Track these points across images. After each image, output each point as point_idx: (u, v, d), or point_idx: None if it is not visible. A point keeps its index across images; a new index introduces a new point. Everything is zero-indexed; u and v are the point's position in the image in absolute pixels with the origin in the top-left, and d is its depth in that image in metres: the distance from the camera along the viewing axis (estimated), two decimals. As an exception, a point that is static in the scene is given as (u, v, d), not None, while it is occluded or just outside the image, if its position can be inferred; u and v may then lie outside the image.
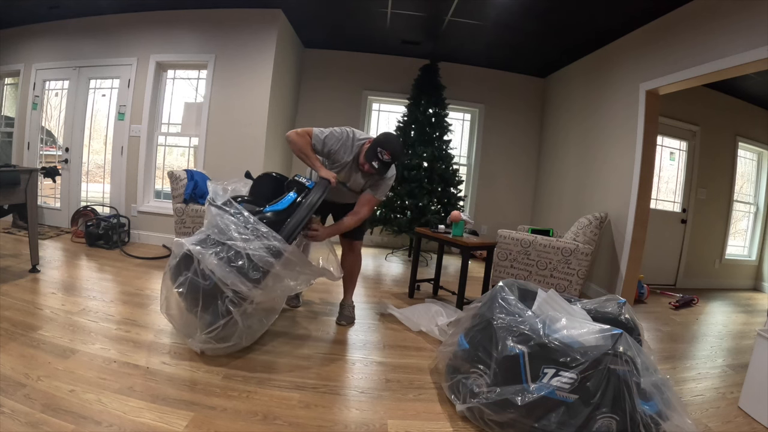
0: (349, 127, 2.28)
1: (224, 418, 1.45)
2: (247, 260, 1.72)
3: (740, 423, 1.77)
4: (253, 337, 2.00)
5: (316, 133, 2.21)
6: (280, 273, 1.80)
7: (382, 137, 2.17)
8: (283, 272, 1.81)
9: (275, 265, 1.74)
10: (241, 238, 1.74)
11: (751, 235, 5.37)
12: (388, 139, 2.15)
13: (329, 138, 2.22)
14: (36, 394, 1.44)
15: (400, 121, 4.82)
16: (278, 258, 1.76)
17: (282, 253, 1.77)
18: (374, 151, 2.12)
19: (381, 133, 2.26)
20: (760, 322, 3.51)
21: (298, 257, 1.87)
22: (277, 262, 1.75)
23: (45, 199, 4.79)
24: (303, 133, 2.19)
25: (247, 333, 1.91)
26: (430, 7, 3.81)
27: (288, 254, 1.78)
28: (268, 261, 1.73)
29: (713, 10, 2.84)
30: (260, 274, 1.74)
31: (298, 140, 2.16)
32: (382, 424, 1.53)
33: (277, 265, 1.75)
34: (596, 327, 1.48)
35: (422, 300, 3.11)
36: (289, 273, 1.83)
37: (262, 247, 1.74)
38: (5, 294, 2.38)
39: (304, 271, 1.91)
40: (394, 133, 2.23)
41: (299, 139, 2.17)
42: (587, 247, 3.24)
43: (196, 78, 4.45)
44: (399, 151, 2.16)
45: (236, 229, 1.77)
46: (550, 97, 5.41)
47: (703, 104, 4.61)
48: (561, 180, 4.88)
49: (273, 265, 1.74)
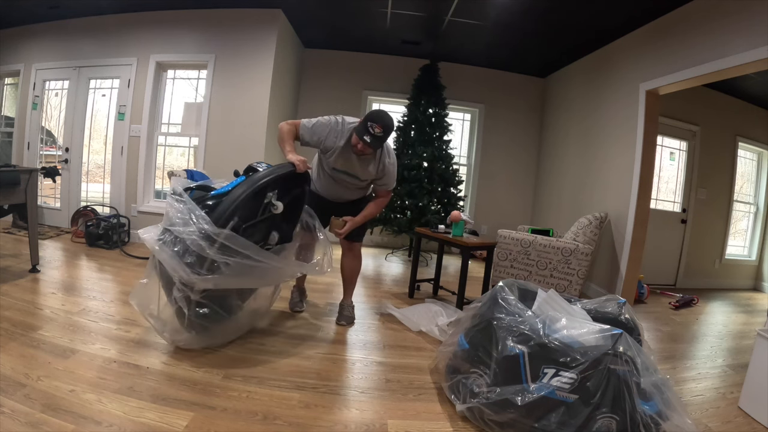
0: (339, 115, 2.25)
1: (224, 418, 1.45)
2: (182, 245, 1.69)
3: (740, 423, 1.77)
4: (226, 335, 2.01)
5: (304, 123, 2.19)
6: (230, 263, 1.70)
7: (373, 113, 2.11)
8: (232, 261, 1.71)
9: (206, 249, 1.67)
10: (180, 224, 1.72)
11: (751, 235, 5.37)
12: (379, 114, 2.09)
13: (317, 126, 2.19)
14: (36, 394, 1.44)
15: (400, 121, 4.82)
16: (210, 242, 1.68)
17: (213, 237, 1.69)
18: (365, 125, 2.05)
19: (371, 110, 2.20)
20: (760, 322, 3.51)
21: (242, 244, 1.74)
22: (209, 246, 1.67)
23: (45, 199, 4.79)
24: (291, 123, 2.18)
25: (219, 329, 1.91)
26: (430, 7, 3.81)
27: (222, 239, 1.69)
28: (200, 245, 1.67)
29: (713, 10, 2.84)
30: (194, 258, 1.68)
31: (283, 128, 2.15)
32: (382, 424, 1.53)
33: (208, 250, 1.67)
34: (596, 327, 1.48)
35: (422, 300, 3.11)
36: (241, 262, 1.73)
37: (195, 231, 1.69)
38: (5, 294, 2.38)
39: (264, 263, 1.81)
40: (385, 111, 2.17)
41: (285, 127, 2.16)
42: (587, 247, 3.24)
43: (196, 78, 4.45)
44: (390, 125, 2.10)
45: (177, 215, 1.75)
46: (550, 97, 5.41)
47: (703, 104, 4.61)
48: (561, 180, 4.88)
49: (204, 249, 1.67)
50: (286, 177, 2.00)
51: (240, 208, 1.80)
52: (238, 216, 1.79)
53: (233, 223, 1.76)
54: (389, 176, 2.30)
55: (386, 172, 2.28)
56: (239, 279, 1.81)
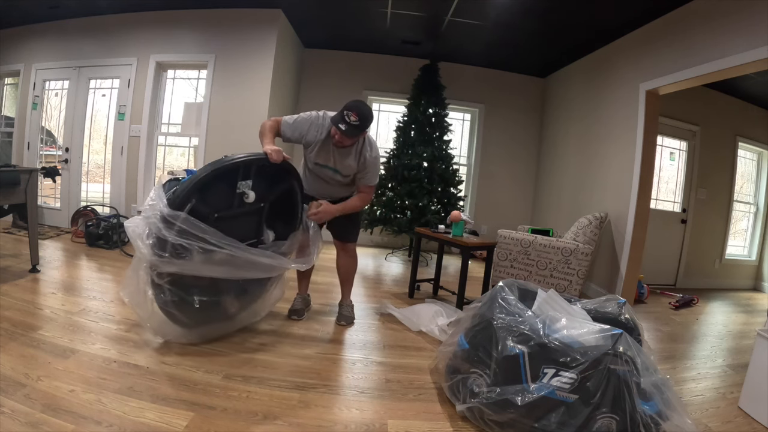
0: (322, 110, 2.22)
1: (224, 418, 1.45)
2: (145, 226, 1.74)
3: (740, 423, 1.77)
4: (212, 331, 2.03)
5: (286, 119, 2.18)
6: (186, 245, 1.71)
7: (350, 102, 2.06)
8: (188, 243, 1.71)
9: (162, 230, 1.70)
10: (148, 209, 1.77)
11: (751, 235, 5.37)
12: (356, 103, 2.05)
13: (299, 121, 2.17)
14: (36, 394, 1.44)
15: (400, 121, 4.82)
16: (167, 225, 1.71)
17: (168, 220, 1.71)
18: (341, 114, 2.02)
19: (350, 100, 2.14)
20: (760, 322, 3.51)
21: (199, 228, 1.73)
22: (166, 228, 1.70)
23: (45, 199, 4.79)
24: (273, 120, 2.17)
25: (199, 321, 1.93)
26: (430, 7, 3.81)
27: (180, 223, 1.70)
28: (158, 227, 1.71)
29: (713, 10, 2.84)
30: (154, 239, 1.71)
31: (264, 125, 2.13)
32: (382, 424, 1.53)
33: (165, 231, 1.70)
34: (596, 327, 1.48)
35: (422, 300, 3.11)
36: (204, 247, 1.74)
37: (156, 213, 1.73)
38: (5, 294, 2.38)
39: (229, 250, 1.79)
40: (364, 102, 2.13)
41: (266, 123, 2.14)
42: (587, 247, 3.24)
43: (196, 78, 4.45)
44: (366, 114, 2.05)
45: (148, 201, 1.80)
46: (550, 97, 5.41)
47: (703, 104, 4.61)
48: (561, 180, 4.88)
49: (161, 231, 1.70)
50: (260, 166, 1.96)
51: (200, 192, 1.80)
52: (197, 199, 1.78)
53: (191, 205, 1.76)
54: (370, 170, 2.23)
55: (366, 165, 2.21)
56: (204, 267, 1.79)
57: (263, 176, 2.03)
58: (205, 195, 1.85)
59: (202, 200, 1.83)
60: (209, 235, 1.76)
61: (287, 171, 2.11)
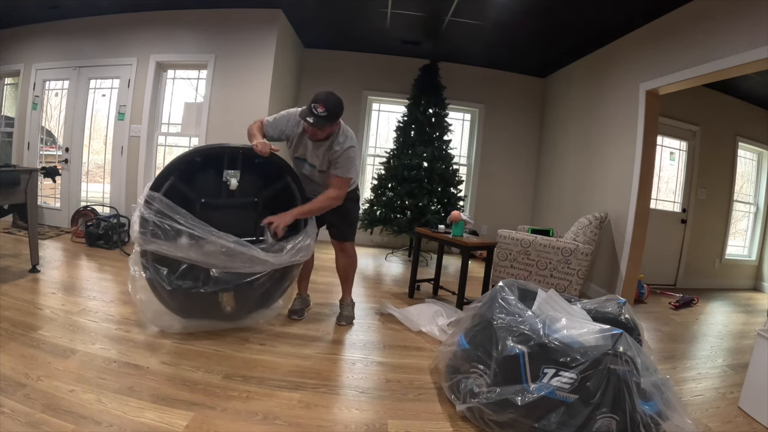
0: (303, 106, 2.16)
1: (224, 418, 1.45)
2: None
3: (740, 423, 1.77)
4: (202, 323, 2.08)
5: (267, 119, 2.24)
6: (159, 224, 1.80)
7: (318, 93, 2.02)
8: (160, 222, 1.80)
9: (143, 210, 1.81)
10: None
11: (751, 235, 5.37)
12: (323, 94, 2.01)
13: (278, 120, 2.22)
14: (36, 394, 1.44)
15: (400, 121, 4.82)
16: (147, 204, 1.82)
17: (148, 200, 1.82)
18: (308, 107, 1.98)
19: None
20: (760, 322, 3.51)
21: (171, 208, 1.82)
22: (146, 207, 1.81)
23: (45, 199, 4.79)
24: (257, 122, 2.23)
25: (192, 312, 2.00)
26: (430, 7, 3.81)
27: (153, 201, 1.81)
28: (141, 208, 1.84)
29: (713, 10, 2.84)
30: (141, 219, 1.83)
31: (250, 127, 2.20)
32: (382, 424, 1.53)
33: (143, 209, 1.81)
34: (596, 327, 1.48)
35: (422, 300, 3.11)
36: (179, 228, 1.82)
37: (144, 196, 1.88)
38: (5, 294, 2.38)
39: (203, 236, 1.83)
40: (334, 92, 2.11)
41: (252, 126, 2.20)
42: (587, 247, 3.24)
43: (196, 78, 4.45)
44: (335, 104, 2.00)
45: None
46: (550, 97, 5.41)
47: (703, 104, 4.61)
48: (561, 180, 4.88)
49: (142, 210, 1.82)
50: (248, 157, 2.01)
51: (182, 173, 1.91)
52: (179, 180, 1.89)
53: (170, 182, 1.87)
54: (340, 161, 2.14)
55: (336, 155, 2.14)
56: (181, 250, 1.83)
57: (256, 172, 2.07)
58: (191, 179, 1.94)
59: (189, 183, 1.92)
60: (180, 215, 1.83)
61: (281, 168, 2.13)
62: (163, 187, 1.87)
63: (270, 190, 2.13)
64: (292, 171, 2.19)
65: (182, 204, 1.88)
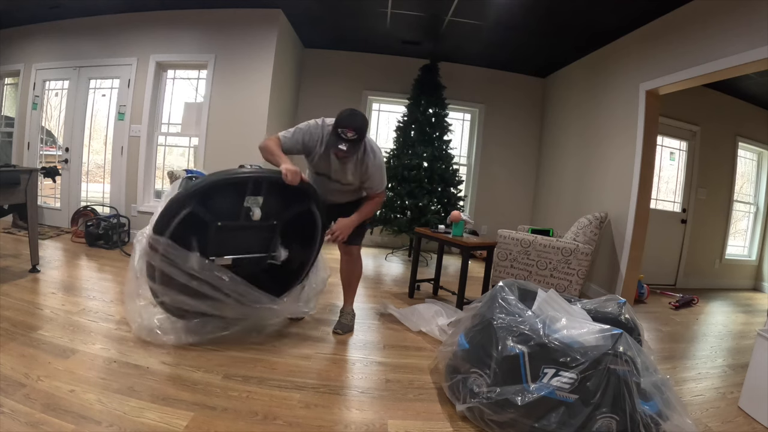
0: (320, 118, 2.13)
1: (224, 418, 1.45)
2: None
3: (740, 423, 1.77)
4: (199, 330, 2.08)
5: (283, 134, 2.08)
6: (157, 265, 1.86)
7: (341, 117, 1.96)
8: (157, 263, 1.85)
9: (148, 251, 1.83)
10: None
11: (751, 235, 5.37)
12: (347, 117, 1.95)
13: (297, 133, 2.08)
14: (36, 394, 1.44)
15: (400, 121, 4.82)
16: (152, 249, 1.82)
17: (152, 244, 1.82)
18: (336, 134, 1.93)
19: (339, 112, 2.00)
20: (760, 322, 3.51)
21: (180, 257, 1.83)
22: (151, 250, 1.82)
23: (45, 199, 4.79)
24: (272, 138, 2.07)
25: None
26: (430, 7, 3.81)
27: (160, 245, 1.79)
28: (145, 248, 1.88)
29: (713, 10, 2.84)
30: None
31: (267, 145, 2.03)
32: (382, 424, 1.53)
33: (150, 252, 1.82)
34: (596, 327, 1.48)
35: (422, 300, 3.11)
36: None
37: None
38: (5, 294, 2.38)
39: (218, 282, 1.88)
40: (354, 108, 2.07)
41: (268, 143, 2.04)
42: (587, 247, 3.24)
43: (196, 78, 4.45)
44: (362, 125, 1.97)
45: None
46: (550, 97, 5.41)
47: (703, 104, 4.61)
48: (561, 180, 4.87)
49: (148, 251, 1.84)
50: (273, 183, 1.90)
51: (204, 195, 1.80)
52: (199, 205, 1.79)
53: (187, 210, 1.77)
54: (374, 178, 2.16)
55: (369, 174, 2.13)
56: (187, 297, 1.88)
57: (278, 194, 1.97)
58: (209, 201, 1.82)
59: (205, 206, 1.81)
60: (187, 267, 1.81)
61: (305, 193, 2.05)
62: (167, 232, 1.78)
63: (290, 212, 2.07)
64: (317, 197, 2.12)
65: (197, 227, 1.80)
